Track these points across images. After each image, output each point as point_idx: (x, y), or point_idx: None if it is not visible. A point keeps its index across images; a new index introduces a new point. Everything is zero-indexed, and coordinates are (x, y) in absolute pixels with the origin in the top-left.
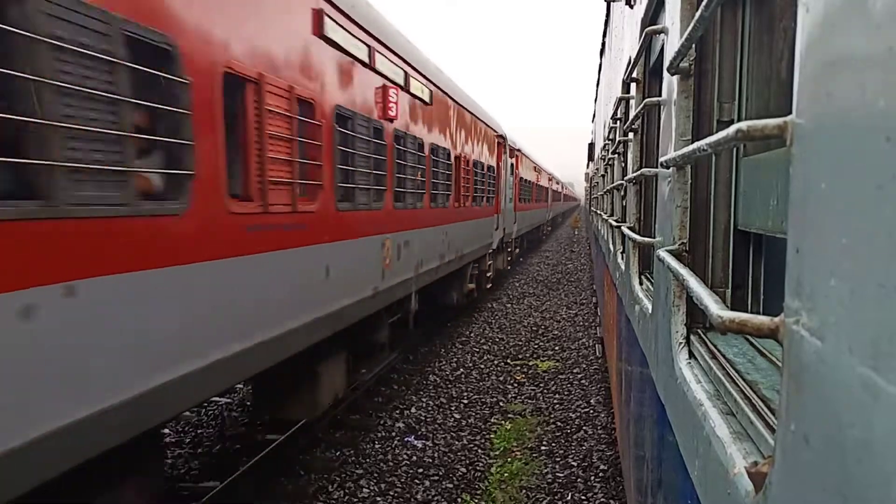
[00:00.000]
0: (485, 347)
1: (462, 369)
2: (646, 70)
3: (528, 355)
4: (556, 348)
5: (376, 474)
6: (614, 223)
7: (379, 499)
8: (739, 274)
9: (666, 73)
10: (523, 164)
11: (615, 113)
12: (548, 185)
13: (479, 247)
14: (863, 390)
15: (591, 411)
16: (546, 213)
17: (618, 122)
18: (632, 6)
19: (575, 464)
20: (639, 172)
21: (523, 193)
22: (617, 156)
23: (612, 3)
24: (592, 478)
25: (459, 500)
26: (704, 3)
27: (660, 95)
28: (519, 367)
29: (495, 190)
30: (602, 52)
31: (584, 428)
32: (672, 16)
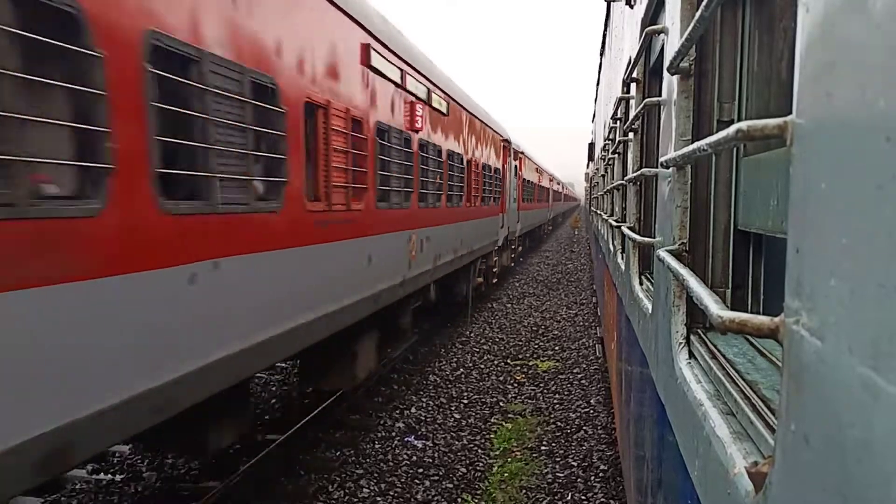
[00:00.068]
0: (485, 347)
1: (462, 369)
2: (646, 70)
3: (528, 355)
4: (557, 348)
5: (376, 474)
6: (614, 223)
7: (379, 499)
8: (739, 274)
9: (666, 73)
10: (526, 166)
11: (615, 113)
12: (548, 186)
13: (487, 243)
14: (863, 390)
15: (592, 411)
16: (547, 212)
17: (618, 122)
18: (632, 6)
19: (575, 464)
20: (639, 172)
21: (526, 194)
22: (617, 156)
23: (612, 3)
24: (592, 478)
25: (459, 500)
26: (704, 3)
27: (660, 95)
28: (519, 367)
29: (501, 191)
30: (602, 52)
31: (585, 428)
32: (672, 16)
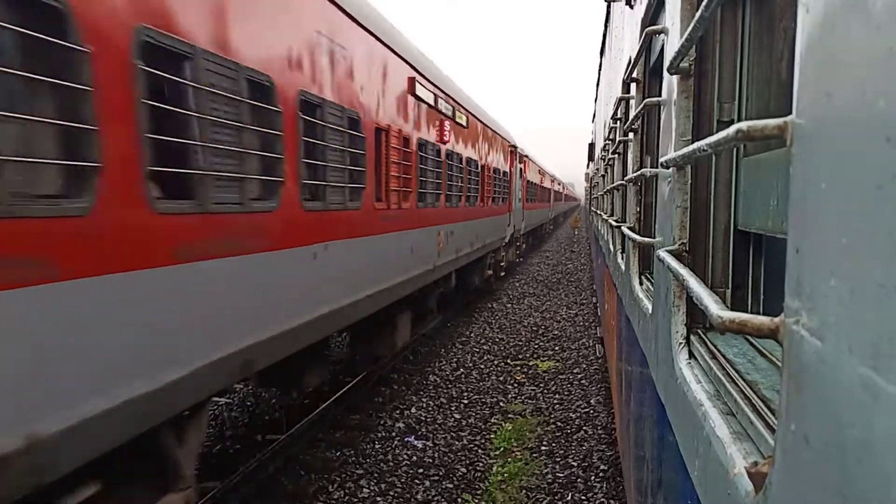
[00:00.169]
0: (485, 347)
1: (462, 369)
2: (646, 70)
3: (528, 355)
4: (557, 348)
5: (376, 474)
6: (614, 223)
7: (379, 499)
8: (739, 274)
9: (666, 73)
10: (529, 169)
11: (615, 113)
12: (550, 187)
13: (497, 239)
14: (863, 390)
15: (592, 411)
16: (548, 212)
17: (618, 122)
18: (632, 6)
19: (575, 464)
20: (639, 172)
21: (529, 194)
22: (617, 156)
23: (612, 4)
24: (592, 478)
25: (460, 500)
26: (704, 3)
27: (660, 95)
28: (519, 368)
29: (508, 192)
30: (602, 53)
31: (585, 428)
32: (672, 16)
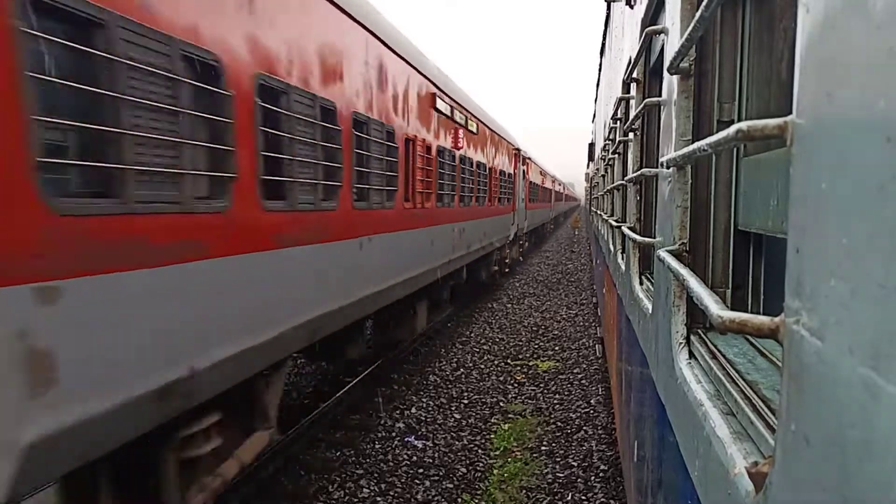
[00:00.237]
0: (485, 347)
1: (462, 369)
2: (646, 70)
3: (528, 355)
4: (557, 348)
5: (376, 474)
6: (614, 223)
7: (379, 499)
8: (739, 274)
9: (666, 74)
10: (532, 170)
11: (615, 113)
12: (551, 188)
13: (502, 237)
14: (863, 390)
15: (592, 411)
16: (549, 212)
17: (618, 122)
18: (632, 6)
19: (575, 464)
20: (639, 172)
21: (531, 195)
22: (617, 156)
23: (612, 4)
24: (593, 478)
25: (460, 500)
26: (704, 3)
27: (660, 95)
28: (519, 368)
29: (512, 192)
30: (602, 53)
31: (585, 428)
32: (672, 16)
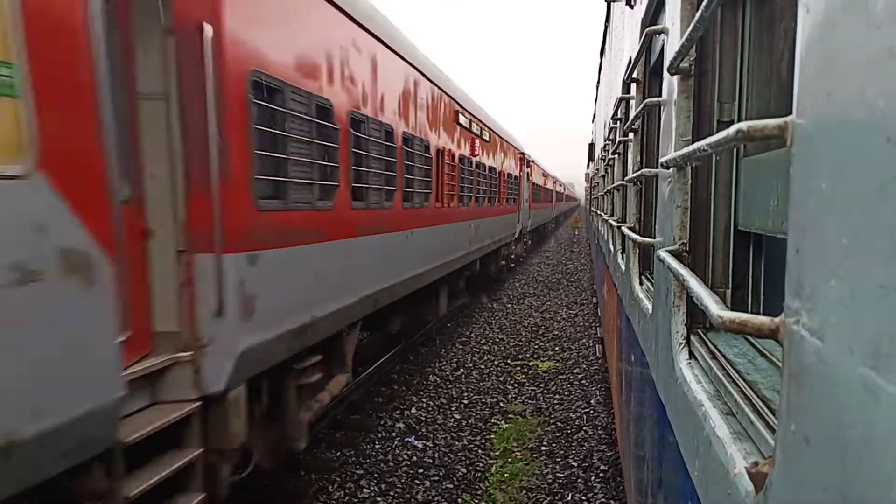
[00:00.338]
0: (485, 348)
1: (462, 369)
2: (646, 70)
3: (528, 355)
4: (557, 348)
5: (376, 474)
6: (615, 223)
7: (379, 499)
8: (739, 274)
9: (666, 74)
10: (535, 172)
11: (615, 113)
12: (552, 188)
13: (508, 234)
14: (863, 390)
15: (592, 412)
16: (551, 211)
17: (618, 122)
18: (632, 6)
19: (575, 464)
20: (639, 173)
21: (534, 196)
22: (617, 156)
23: (612, 4)
24: (593, 478)
25: (460, 500)
26: (704, 3)
27: (660, 96)
28: (519, 368)
29: (518, 193)
30: (602, 53)
31: (585, 428)
32: (672, 16)
